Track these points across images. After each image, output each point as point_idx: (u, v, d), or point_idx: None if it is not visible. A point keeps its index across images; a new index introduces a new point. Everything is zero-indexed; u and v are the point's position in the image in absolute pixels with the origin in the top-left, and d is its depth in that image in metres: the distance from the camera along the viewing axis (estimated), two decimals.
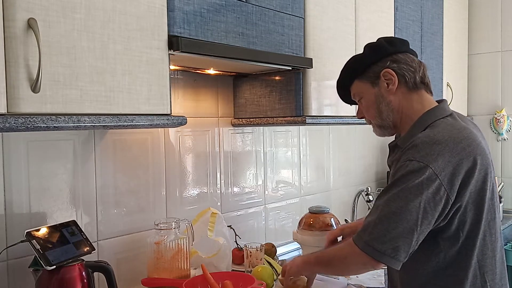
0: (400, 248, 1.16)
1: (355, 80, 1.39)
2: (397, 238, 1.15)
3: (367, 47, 1.39)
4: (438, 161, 1.15)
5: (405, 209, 1.15)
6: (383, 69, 1.32)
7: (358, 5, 2.09)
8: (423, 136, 1.21)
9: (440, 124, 1.25)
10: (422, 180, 1.15)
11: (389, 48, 1.34)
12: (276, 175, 2.29)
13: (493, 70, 3.25)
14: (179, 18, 1.36)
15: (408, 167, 1.17)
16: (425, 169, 1.15)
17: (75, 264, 1.30)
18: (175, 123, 1.34)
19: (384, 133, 1.41)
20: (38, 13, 1.03)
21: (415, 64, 1.33)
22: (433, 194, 1.15)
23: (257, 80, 1.97)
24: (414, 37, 2.49)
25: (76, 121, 1.10)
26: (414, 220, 1.15)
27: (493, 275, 1.26)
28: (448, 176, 1.15)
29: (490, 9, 3.23)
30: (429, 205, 1.15)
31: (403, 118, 1.33)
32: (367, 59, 1.36)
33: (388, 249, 1.16)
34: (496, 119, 3.24)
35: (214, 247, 1.68)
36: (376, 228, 1.18)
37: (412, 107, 1.32)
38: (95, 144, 1.57)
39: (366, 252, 1.18)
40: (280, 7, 1.70)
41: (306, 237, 1.81)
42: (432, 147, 1.17)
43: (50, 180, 1.46)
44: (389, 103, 1.33)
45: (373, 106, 1.36)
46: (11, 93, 1.00)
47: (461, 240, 1.22)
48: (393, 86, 1.32)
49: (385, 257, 1.16)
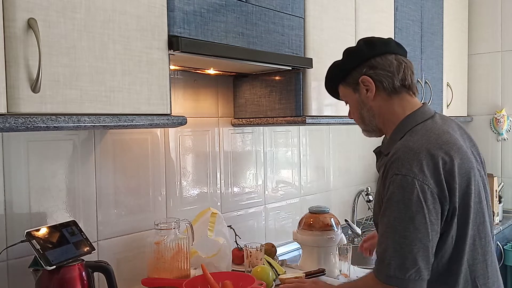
0: (422, 268, 1.14)
1: (339, 85, 1.39)
2: (416, 260, 1.14)
3: (345, 52, 1.38)
4: (424, 169, 1.14)
5: (414, 229, 1.13)
6: (361, 75, 1.31)
7: (358, 5, 2.09)
8: (404, 146, 1.19)
9: (419, 130, 1.24)
10: (417, 193, 1.13)
11: (366, 52, 1.32)
12: (276, 175, 2.29)
13: (493, 70, 3.25)
14: (179, 18, 1.36)
15: (395, 183, 1.16)
16: (413, 182, 1.13)
17: (75, 264, 1.30)
18: (175, 123, 1.34)
19: (371, 135, 1.42)
20: (38, 13, 1.03)
21: (393, 68, 1.29)
22: (432, 204, 1.14)
23: (257, 80, 1.97)
24: (414, 37, 2.49)
25: (76, 121, 1.10)
26: (425, 236, 1.14)
27: (484, 279, 1.24)
28: (436, 183, 1.14)
29: (490, 9, 3.24)
30: (433, 216, 1.14)
31: (386, 122, 1.33)
32: (346, 66, 1.35)
33: (412, 274, 1.14)
34: (496, 119, 3.24)
35: (214, 247, 1.68)
36: (393, 258, 1.15)
37: (393, 111, 1.31)
38: (95, 144, 1.57)
39: (391, 284, 1.16)
40: (280, 7, 1.70)
41: (306, 237, 1.81)
42: (413, 157, 1.15)
43: (50, 180, 1.46)
44: (369, 109, 1.34)
45: (356, 111, 1.38)
46: (11, 93, 1.00)
47: (451, 245, 1.20)
48: (371, 93, 1.31)
49: (411, 282, 1.14)
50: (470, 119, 3.33)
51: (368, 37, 1.38)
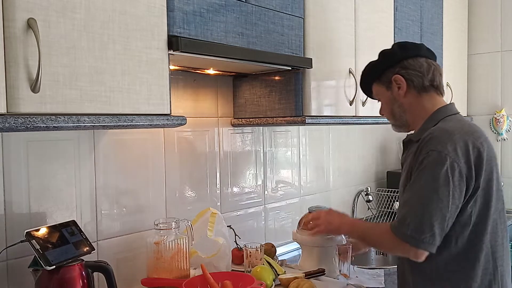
0: (436, 234, 1.28)
1: (373, 83, 1.55)
2: (433, 226, 1.27)
3: (381, 54, 1.54)
4: (456, 149, 1.29)
5: (437, 199, 1.27)
6: (393, 74, 1.47)
7: (358, 5, 2.09)
8: (440, 129, 1.35)
9: (451, 119, 1.41)
10: (446, 169, 1.27)
11: (399, 54, 1.48)
12: (276, 175, 2.29)
13: (493, 70, 3.25)
14: (179, 18, 1.36)
15: (430, 157, 1.30)
16: (445, 158, 1.28)
17: (74, 264, 1.30)
18: (175, 123, 1.34)
19: (400, 130, 1.57)
20: (38, 13, 1.03)
21: (423, 69, 1.45)
22: (458, 180, 1.28)
23: (257, 80, 1.97)
24: (413, 37, 2.49)
25: (76, 121, 1.10)
26: (445, 208, 1.27)
27: (502, 262, 1.37)
28: (465, 163, 1.29)
29: (490, 9, 3.24)
30: (456, 191, 1.28)
31: (415, 117, 1.48)
32: (381, 66, 1.51)
33: (427, 237, 1.28)
34: (496, 119, 3.24)
35: (214, 247, 1.68)
36: (413, 220, 1.29)
37: (422, 107, 1.46)
38: (95, 144, 1.57)
39: (405, 241, 1.30)
40: (280, 7, 1.70)
41: (305, 237, 1.80)
42: (448, 137, 1.30)
43: (50, 180, 1.46)
44: (400, 105, 1.49)
45: (388, 108, 1.53)
46: (11, 93, 1.00)
47: (471, 224, 1.32)
48: (402, 91, 1.46)
49: (424, 244, 1.28)
50: (470, 119, 3.33)
51: (402, 41, 1.55)
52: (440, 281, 1.36)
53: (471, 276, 1.33)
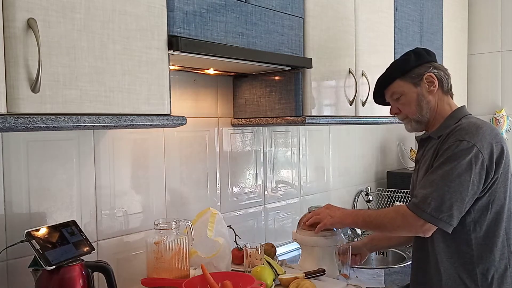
0: (454, 215, 1.40)
1: (397, 79, 1.60)
2: (452, 207, 1.39)
3: (411, 52, 1.62)
4: (482, 141, 1.41)
5: (459, 182, 1.39)
6: (425, 72, 1.57)
7: (358, 5, 2.09)
8: (467, 122, 1.48)
9: (471, 117, 1.54)
10: (471, 157, 1.39)
11: (427, 56, 1.60)
12: (276, 175, 2.29)
13: (493, 70, 3.25)
14: (179, 18, 1.36)
15: (458, 146, 1.41)
16: (472, 148, 1.40)
17: (75, 264, 1.30)
18: (175, 123, 1.34)
19: (418, 128, 1.63)
20: (38, 13, 1.03)
21: (448, 73, 1.62)
22: (480, 169, 1.40)
23: (257, 80, 1.97)
24: (414, 37, 2.49)
25: (76, 121, 1.10)
26: (465, 191, 1.39)
27: None
28: (488, 155, 1.41)
29: (490, 9, 3.23)
30: (476, 179, 1.40)
31: (436, 116, 1.58)
32: (411, 63, 1.58)
33: (445, 216, 1.39)
34: (496, 119, 3.23)
35: (214, 247, 1.68)
36: (434, 200, 1.40)
37: (444, 107, 1.59)
38: (95, 144, 1.57)
39: (424, 218, 1.41)
40: (280, 7, 1.70)
41: (305, 237, 1.80)
42: (477, 130, 1.43)
43: (50, 180, 1.46)
44: (428, 102, 1.58)
45: (414, 103, 1.59)
46: (11, 93, 1.00)
47: (490, 212, 1.45)
48: (434, 88, 1.57)
49: (441, 222, 1.40)
50: None
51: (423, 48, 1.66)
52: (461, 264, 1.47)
53: (489, 260, 1.45)
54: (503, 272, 1.46)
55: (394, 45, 2.35)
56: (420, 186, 1.47)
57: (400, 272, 1.89)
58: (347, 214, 1.67)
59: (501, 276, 1.46)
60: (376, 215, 1.58)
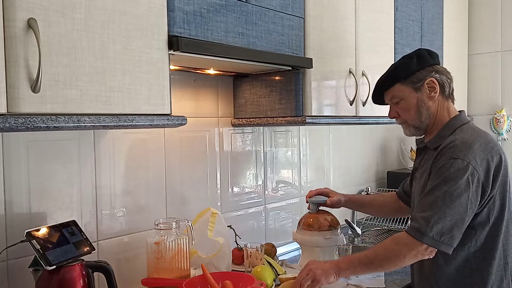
0: (455, 237, 1.37)
1: (397, 83, 1.54)
2: (452, 229, 1.36)
3: (414, 54, 1.55)
4: (476, 158, 1.37)
5: (458, 204, 1.36)
6: (427, 77, 1.50)
7: (358, 5, 2.09)
8: (460, 138, 1.42)
9: (467, 129, 1.48)
10: (468, 176, 1.35)
11: (430, 59, 1.53)
12: (276, 175, 2.29)
13: (493, 70, 3.25)
14: (179, 18, 1.36)
15: (453, 164, 1.37)
16: (467, 166, 1.36)
17: (75, 264, 1.30)
18: (175, 123, 1.34)
19: (416, 133, 1.59)
20: (38, 13, 1.03)
21: (450, 77, 1.55)
22: (476, 187, 1.37)
23: (257, 80, 1.97)
24: (414, 37, 2.49)
25: (76, 121, 1.10)
26: (465, 212, 1.36)
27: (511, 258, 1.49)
28: (484, 171, 1.38)
29: (490, 9, 3.23)
30: (474, 197, 1.37)
31: (435, 122, 1.54)
32: (412, 66, 1.52)
33: (446, 239, 1.36)
34: (496, 119, 3.23)
35: (214, 247, 1.68)
36: (436, 223, 1.36)
37: (443, 113, 1.53)
38: (95, 144, 1.57)
39: (426, 243, 1.37)
40: (280, 7, 1.70)
41: (305, 237, 1.81)
42: (470, 147, 1.39)
43: (50, 180, 1.46)
44: (428, 108, 1.52)
45: (414, 109, 1.53)
46: (11, 93, 1.00)
47: (489, 225, 1.43)
48: (435, 94, 1.51)
49: (443, 245, 1.37)
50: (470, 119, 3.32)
51: (426, 48, 1.59)
52: (461, 278, 1.45)
53: (487, 272, 1.44)
54: (499, 284, 1.46)
55: (395, 45, 2.35)
56: (419, 210, 1.42)
57: (400, 272, 1.89)
58: (337, 262, 1.49)
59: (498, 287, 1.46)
60: (374, 254, 1.44)
